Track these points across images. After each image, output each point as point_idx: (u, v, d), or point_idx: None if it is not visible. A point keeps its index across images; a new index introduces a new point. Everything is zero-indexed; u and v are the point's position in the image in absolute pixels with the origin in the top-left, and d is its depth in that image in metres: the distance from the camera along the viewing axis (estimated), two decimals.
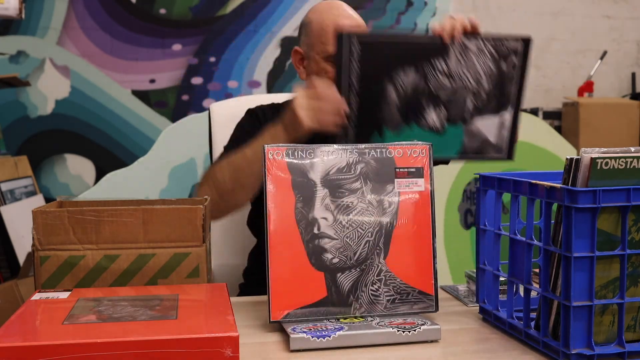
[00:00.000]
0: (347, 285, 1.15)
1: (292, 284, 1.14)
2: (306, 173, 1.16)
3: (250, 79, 3.73)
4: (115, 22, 3.57)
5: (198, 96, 3.67)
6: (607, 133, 3.71)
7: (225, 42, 3.70)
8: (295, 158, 1.16)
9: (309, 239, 1.14)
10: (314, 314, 1.14)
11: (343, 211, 1.16)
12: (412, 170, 1.19)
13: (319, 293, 1.14)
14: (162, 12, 3.62)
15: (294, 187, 1.15)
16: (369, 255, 1.16)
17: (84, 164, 3.57)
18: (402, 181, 1.18)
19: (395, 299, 1.16)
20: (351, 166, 1.17)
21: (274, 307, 1.13)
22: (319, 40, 1.57)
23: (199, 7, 3.66)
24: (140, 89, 3.61)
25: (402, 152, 1.19)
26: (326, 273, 1.14)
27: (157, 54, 3.62)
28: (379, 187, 1.17)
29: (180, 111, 3.62)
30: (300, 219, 1.15)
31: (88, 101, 3.55)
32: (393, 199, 1.17)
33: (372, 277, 1.16)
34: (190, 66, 3.66)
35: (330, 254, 1.15)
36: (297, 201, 1.15)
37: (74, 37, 3.52)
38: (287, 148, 1.16)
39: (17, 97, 3.47)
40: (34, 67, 3.48)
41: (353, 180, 1.17)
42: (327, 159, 1.16)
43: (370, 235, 1.16)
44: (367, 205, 1.17)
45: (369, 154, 1.18)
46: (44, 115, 3.50)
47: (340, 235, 1.15)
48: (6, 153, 3.19)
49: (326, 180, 1.16)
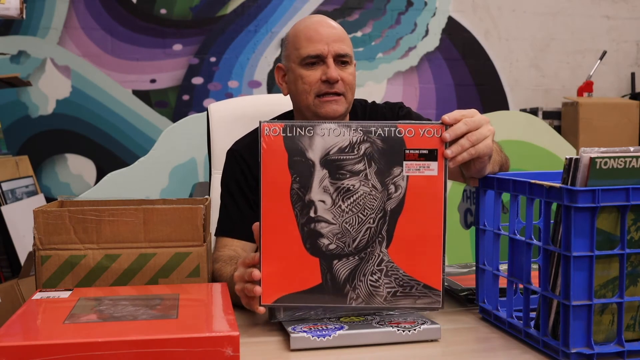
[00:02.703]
0: (344, 274, 1.10)
1: (285, 268, 1.09)
2: (304, 152, 1.08)
3: (251, 79, 3.74)
4: (116, 22, 3.57)
5: (198, 96, 3.68)
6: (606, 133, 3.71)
7: (225, 42, 3.70)
8: (293, 135, 1.08)
9: (305, 222, 1.09)
10: (306, 300, 1.09)
11: (343, 194, 1.09)
12: (424, 152, 1.08)
13: (313, 279, 1.09)
14: (163, 12, 3.62)
15: (291, 167, 1.08)
16: (370, 243, 1.10)
17: (85, 164, 3.57)
18: (412, 164, 1.08)
19: (397, 292, 1.09)
20: (354, 146, 1.08)
21: (265, 290, 1.09)
22: (293, 47, 1.53)
23: (199, 7, 3.66)
24: (141, 89, 3.61)
25: (413, 132, 1.08)
26: (321, 259, 1.09)
27: (158, 54, 3.62)
28: (384, 169, 1.08)
29: (180, 111, 3.63)
30: (295, 200, 1.09)
31: (89, 101, 3.55)
32: (400, 183, 1.08)
33: (371, 266, 1.10)
34: (191, 66, 3.66)
35: (326, 240, 1.09)
36: (293, 182, 1.08)
37: (75, 37, 3.52)
38: (285, 125, 1.08)
39: (18, 97, 3.48)
40: (35, 67, 3.49)
41: (356, 162, 1.08)
42: (328, 138, 1.08)
43: (372, 221, 1.09)
44: (371, 189, 1.09)
45: (375, 133, 1.08)
46: (45, 115, 3.51)
47: (339, 220, 1.09)
48: (7, 153, 3.19)
49: (326, 161, 1.08)
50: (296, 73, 1.52)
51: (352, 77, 1.52)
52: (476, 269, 1.22)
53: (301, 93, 1.51)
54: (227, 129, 1.82)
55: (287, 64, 1.55)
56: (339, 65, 1.50)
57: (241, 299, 1.16)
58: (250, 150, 1.56)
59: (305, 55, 1.49)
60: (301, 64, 1.51)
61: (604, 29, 4.25)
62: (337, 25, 1.55)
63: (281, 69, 1.59)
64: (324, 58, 1.49)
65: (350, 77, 1.51)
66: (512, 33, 4.10)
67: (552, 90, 4.19)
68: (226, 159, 1.60)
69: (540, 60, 4.16)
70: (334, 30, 1.51)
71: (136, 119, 3.61)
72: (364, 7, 3.86)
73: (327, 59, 1.49)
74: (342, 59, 1.50)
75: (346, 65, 1.51)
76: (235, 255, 1.43)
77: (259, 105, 1.96)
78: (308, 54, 1.49)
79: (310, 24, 1.53)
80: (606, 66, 4.22)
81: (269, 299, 1.10)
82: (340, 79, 1.49)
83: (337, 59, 1.50)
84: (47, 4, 3.48)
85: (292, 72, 1.53)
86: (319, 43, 1.49)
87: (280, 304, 1.10)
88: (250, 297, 1.13)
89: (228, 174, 1.58)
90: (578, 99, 3.79)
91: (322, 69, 1.49)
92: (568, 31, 4.19)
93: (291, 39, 1.55)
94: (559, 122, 3.88)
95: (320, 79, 1.49)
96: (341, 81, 1.49)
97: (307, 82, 1.50)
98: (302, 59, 1.50)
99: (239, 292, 1.15)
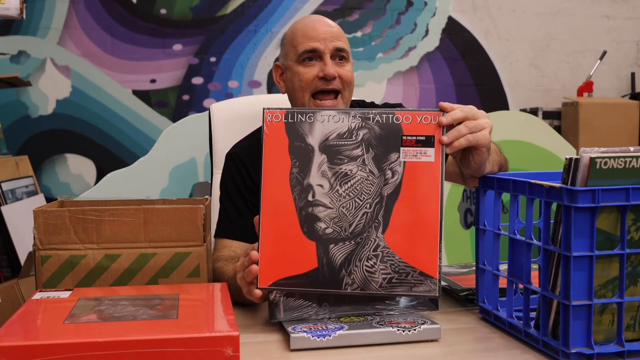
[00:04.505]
0: (340, 259, 1.10)
1: (282, 252, 1.10)
2: (304, 137, 1.11)
3: (251, 78, 3.74)
4: (116, 22, 3.57)
5: (199, 96, 3.68)
6: (606, 133, 3.71)
7: (225, 42, 3.70)
8: (294, 121, 1.11)
9: (303, 206, 1.10)
10: (302, 285, 1.10)
11: (341, 179, 1.10)
12: (421, 138, 1.09)
13: (309, 263, 1.10)
14: (163, 12, 3.62)
15: (291, 152, 1.10)
16: (366, 228, 1.10)
17: (85, 164, 3.57)
18: (409, 150, 1.09)
19: (393, 278, 1.09)
20: (353, 132, 1.10)
21: (262, 273, 1.10)
22: (290, 45, 1.53)
23: (199, 7, 3.66)
24: (141, 89, 3.61)
25: (410, 119, 1.10)
26: (318, 243, 1.10)
27: (158, 54, 3.62)
28: (382, 155, 1.09)
29: (180, 111, 3.63)
30: (294, 184, 1.10)
31: (89, 101, 3.55)
32: (397, 169, 1.09)
33: (367, 251, 1.10)
34: (191, 66, 3.66)
35: (323, 224, 1.10)
36: (292, 166, 1.10)
37: (75, 37, 3.52)
38: (287, 111, 1.12)
39: (18, 97, 3.48)
40: (35, 67, 3.49)
41: (354, 147, 1.10)
42: (327, 124, 1.11)
43: (369, 206, 1.09)
44: (368, 174, 1.09)
45: (373, 120, 1.10)
46: (45, 115, 3.51)
47: (336, 204, 1.10)
48: (7, 153, 3.19)
49: (325, 146, 1.10)
50: (293, 70, 1.52)
51: (350, 74, 1.51)
52: (476, 269, 1.22)
53: (297, 90, 1.51)
54: (229, 129, 1.82)
55: (285, 62, 1.56)
56: (337, 62, 1.50)
57: (242, 289, 1.16)
58: (249, 153, 1.56)
59: (302, 51, 1.49)
60: (298, 61, 1.51)
61: (604, 29, 4.25)
62: (335, 24, 1.55)
63: (279, 68, 1.59)
64: (321, 54, 1.49)
65: (348, 74, 1.50)
66: (512, 33, 4.10)
67: (552, 90, 4.19)
68: (225, 162, 1.60)
69: (540, 60, 4.16)
70: (331, 28, 1.52)
71: (136, 119, 3.61)
72: (364, 7, 3.86)
73: (325, 56, 1.49)
74: (340, 53, 1.50)
75: (344, 61, 1.51)
76: (235, 255, 1.43)
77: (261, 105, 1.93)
78: (305, 49, 1.49)
79: (308, 22, 1.54)
80: (606, 66, 4.22)
81: (266, 282, 1.10)
82: (338, 76, 1.49)
83: (334, 55, 1.49)
84: (47, 4, 3.48)
85: (290, 70, 1.53)
86: (316, 39, 1.49)
87: (277, 287, 1.11)
88: (250, 283, 1.13)
89: (227, 177, 1.58)
90: (578, 99, 3.79)
91: (319, 65, 1.49)
92: (568, 31, 4.19)
93: (289, 37, 1.55)
94: (559, 122, 3.88)
95: (317, 75, 1.48)
96: (339, 78, 1.49)
97: (303, 80, 1.49)
98: (299, 55, 1.50)
99: (239, 280, 1.16)
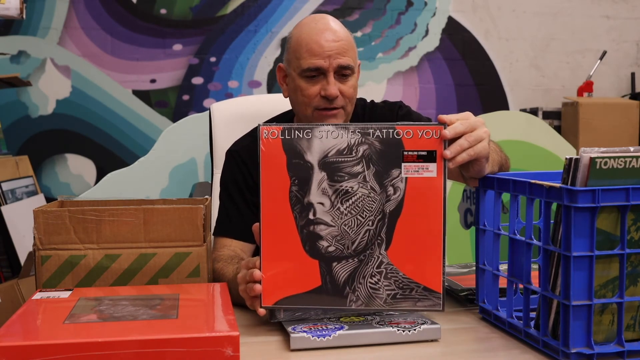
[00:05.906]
0: (344, 276, 1.10)
1: (285, 271, 1.10)
2: (302, 154, 1.09)
3: (251, 78, 3.74)
4: (116, 22, 3.57)
5: (199, 96, 3.68)
6: (606, 133, 3.71)
7: (225, 42, 3.70)
8: (292, 138, 1.09)
9: (304, 224, 1.09)
10: (306, 302, 1.10)
11: (342, 197, 1.09)
12: (422, 153, 1.08)
13: (313, 282, 1.10)
14: (163, 12, 3.62)
15: (289, 169, 1.09)
16: (369, 245, 1.10)
17: (85, 164, 3.57)
18: (411, 166, 1.08)
19: (397, 294, 1.09)
20: (352, 148, 1.08)
21: (266, 292, 1.10)
22: (294, 55, 1.49)
23: (199, 7, 3.66)
24: (141, 89, 3.61)
25: (412, 133, 1.07)
26: (321, 261, 1.10)
27: (158, 54, 3.62)
28: (383, 171, 1.08)
29: (180, 111, 3.63)
30: (294, 203, 1.09)
31: (89, 101, 3.55)
32: (399, 185, 1.08)
33: (371, 268, 1.10)
34: (191, 66, 3.66)
35: (326, 242, 1.09)
36: (292, 184, 1.09)
37: (75, 37, 3.52)
38: (283, 127, 1.09)
39: (18, 97, 3.48)
40: (35, 67, 3.49)
41: (354, 164, 1.08)
42: (326, 140, 1.08)
43: (371, 223, 1.09)
44: (369, 191, 1.08)
45: (373, 135, 1.08)
46: (45, 115, 3.51)
47: (338, 222, 1.09)
48: (7, 153, 3.19)
49: (324, 163, 1.08)
50: (296, 83, 1.49)
51: (352, 90, 1.48)
52: (476, 269, 1.22)
53: (300, 104, 1.50)
54: (229, 129, 1.82)
55: (288, 68, 1.53)
56: (340, 78, 1.47)
57: (245, 300, 1.16)
58: (249, 151, 1.55)
59: (305, 68, 1.46)
60: (301, 75, 1.47)
61: (604, 29, 4.25)
62: (342, 31, 1.49)
63: (282, 70, 1.57)
64: (324, 72, 1.45)
65: (350, 90, 1.48)
66: (512, 33, 4.10)
67: (552, 90, 4.19)
68: (225, 160, 1.60)
69: (540, 60, 4.16)
70: (336, 43, 1.46)
71: (136, 119, 3.61)
72: (364, 7, 3.86)
73: (328, 74, 1.45)
74: (343, 71, 1.46)
75: (347, 77, 1.47)
76: (235, 255, 1.43)
77: (261, 105, 1.96)
78: (308, 66, 1.45)
79: (313, 34, 1.47)
80: (606, 66, 4.22)
81: (270, 301, 1.11)
82: (340, 93, 1.46)
83: (338, 72, 1.46)
84: (47, 4, 3.48)
85: (292, 80, 1.51)
86: (319, 57, 1.44)
87: (281, 306, 1.11)
88: (253, 297, 1.13)
89: (227, 175, 1.58)
90: (578, 99, 3.79)
91: (322, 83, 1.46)
92: (568, 31, 4.19)
93: (293, 46, 1.50)
94: (559, 122, 3.88)
95: (320, 93, 1.46)
96: (340, 95, 1.46)
97: (306, 95, 1.47)
98: (302, 71, 1.47)
99: (242, 292, 1.16)
